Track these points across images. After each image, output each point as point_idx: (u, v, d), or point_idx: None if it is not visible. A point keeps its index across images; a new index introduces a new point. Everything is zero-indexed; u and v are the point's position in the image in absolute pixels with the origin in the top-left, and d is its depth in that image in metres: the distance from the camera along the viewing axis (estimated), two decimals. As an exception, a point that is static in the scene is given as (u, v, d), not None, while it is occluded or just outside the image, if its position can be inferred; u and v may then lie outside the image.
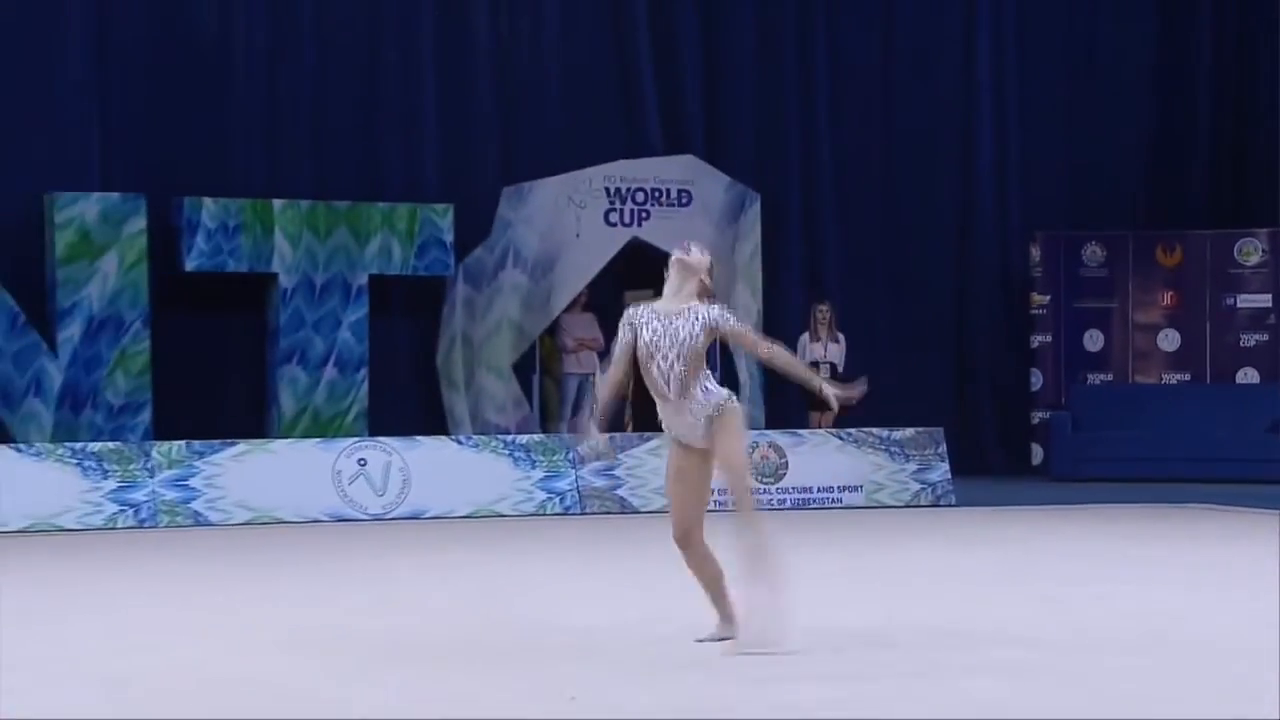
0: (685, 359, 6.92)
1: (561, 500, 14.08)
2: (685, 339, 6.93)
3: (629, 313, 7.18)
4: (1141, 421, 17.35)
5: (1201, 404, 17.70)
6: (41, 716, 5.67)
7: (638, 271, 17.10)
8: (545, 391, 16.98)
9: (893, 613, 8.13)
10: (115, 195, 15.37)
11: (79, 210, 15.23)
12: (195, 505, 13.19)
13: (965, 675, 6.31)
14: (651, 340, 6.98)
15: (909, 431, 15.12)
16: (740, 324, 7.14)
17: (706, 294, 7.11)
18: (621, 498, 14.22)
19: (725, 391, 7.05)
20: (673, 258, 7.19)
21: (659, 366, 6.97)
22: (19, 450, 13.40)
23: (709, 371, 7.09)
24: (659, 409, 7.06)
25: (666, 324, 7.00)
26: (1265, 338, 18.37)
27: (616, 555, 11.32)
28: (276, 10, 16.60)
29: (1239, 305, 18.48)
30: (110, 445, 13.58)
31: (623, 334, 7.15)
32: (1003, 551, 11.29)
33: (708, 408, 6.93)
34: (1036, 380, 18.67)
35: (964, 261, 19.12)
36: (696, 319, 6.97)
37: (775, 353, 7.22)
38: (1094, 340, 18.75)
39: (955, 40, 19.13)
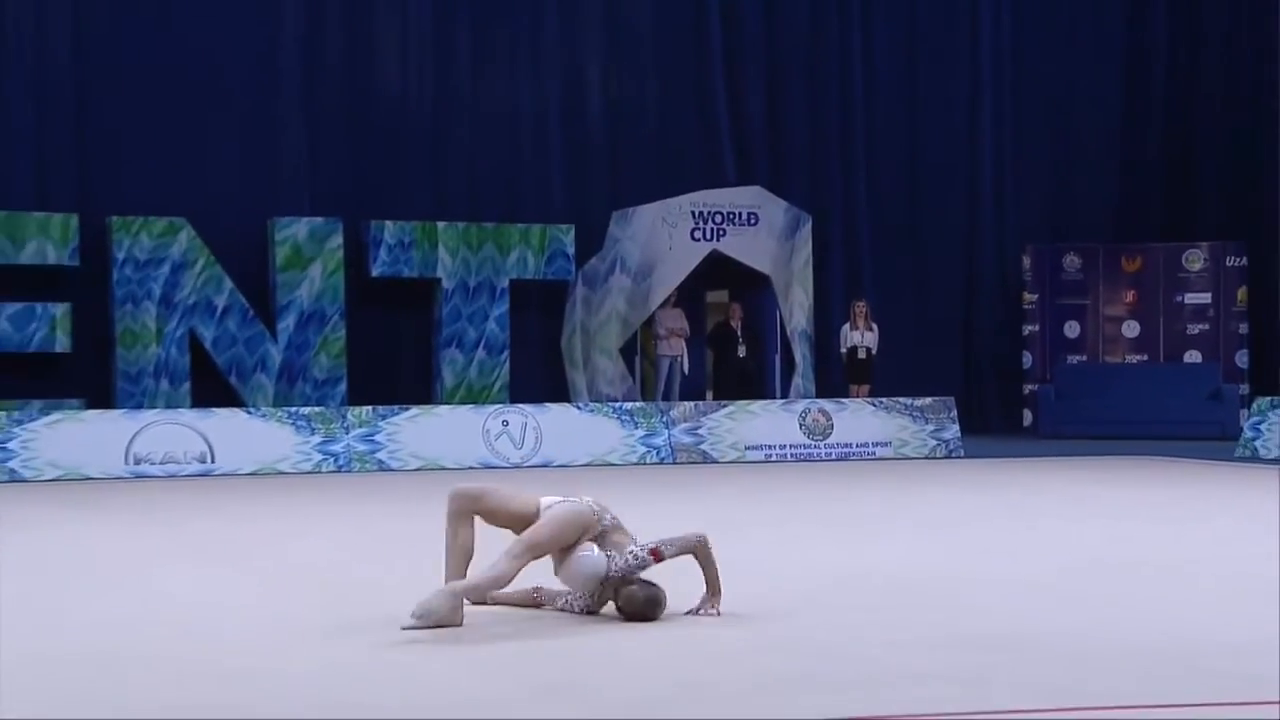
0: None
1: (658, 453, 14.14)
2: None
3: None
4: (1110, 392, 17.19)
5: (1157, 378, 17.53)
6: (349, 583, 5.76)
7: (715, 276, 17.17)
8: (644, 369, 17.04)
9: (918, 539, 8.14)
10: (319, 219, 15.57)
11: (292, 231, 15.44)
12: (379, 455, 13.33)
13: (972, 590, 6.32)
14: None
15: (927, 400, 15.06)
16: (646, 553, 5.38)
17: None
18: (704, 451, 14.26)
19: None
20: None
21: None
22: (249, 413, 13.61)
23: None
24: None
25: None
26: (1206, 327, 18.26)
27: (699, 494, 11.38)
28: (439, 70, 16.74)
29: (1186, 301, 18.33)
30: (316, 409, 13.76)
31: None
32: (1003, 493, 11.26)
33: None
34: (1027, 360, 18.54)
35: (970, 267, 19.00)
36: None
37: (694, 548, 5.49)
38: (1072, 329, 18.60)
39: (962, 94, 19.00)
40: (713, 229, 16.69)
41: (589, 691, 4.35)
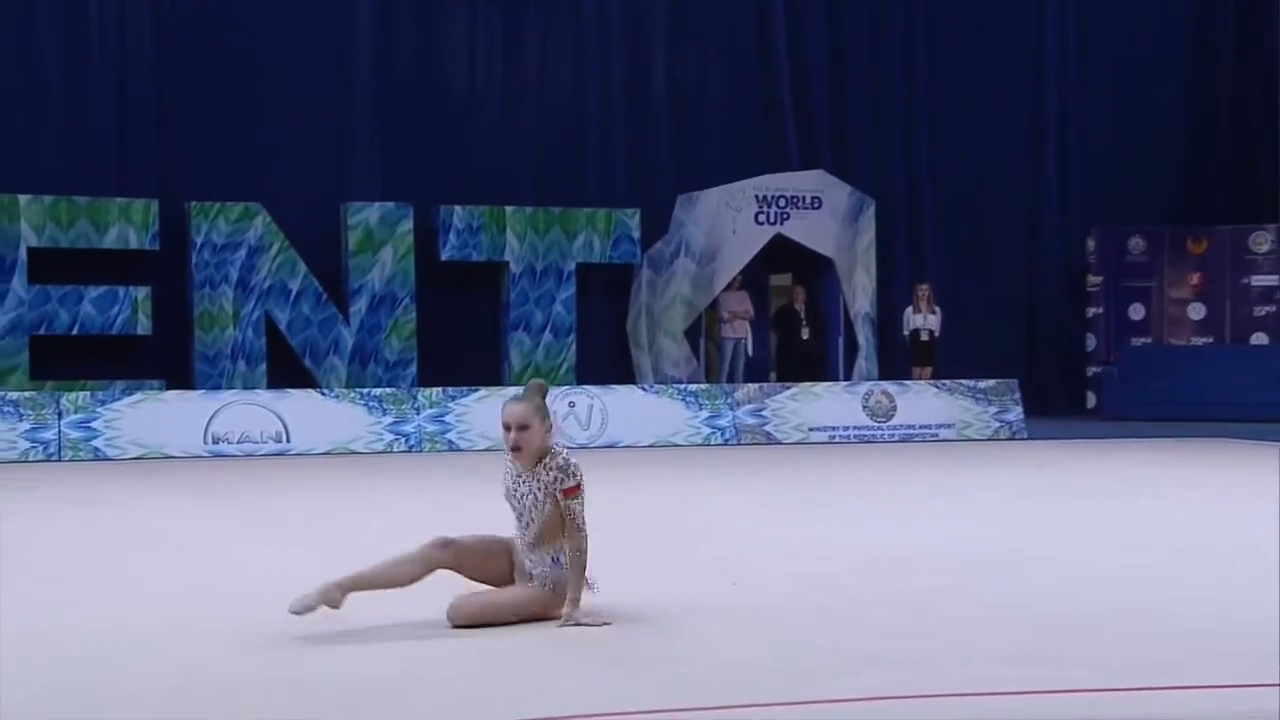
0: (536, 520, 4.97)
1: (722, 434, 14.12)
2: (530, 505, 4.97)
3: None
4: (1175, 374, 16.95)
5: (1222, 361, 17.26)
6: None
7: (779, 260, 17.09)
8: (708, 351, 17.01)
9: (981, 518, 8.08)
10: (390, 204, 15.66)
11: (364, 216, 15.54)
12: (449, 435, 13.42)
13: (1036, 569, 6.26)
14: (507, 491, 5.05)
15: (990, 382, 14.92)
16: (570, 503, 4.90)
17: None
18: (768, 433, 14.23)
19: (562, 576, 4.96)
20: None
21: (517, 517, 5.03)
22: (323, 394, 13.74)
23: (562, 548, 4.97)
24: (519, 539, 5.05)
25: (515, 484, 5.01)
26: (1273, 309, 17.96)
27: (762, 476, 11.36)
28: (508, 56, 16.77)
29: (1252, 284, 18.02)
30: (387, 390, 13.86)
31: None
32: (1066, 474, 11.15)
33: (548, 579, 4.97)
34: (1091, 342, 18.31)
35: (1034, 250, 18.78)
36: (537, 482, 4.94)
37: (577, 546, 4.92)
38: (1137, 311, 18.34)
39: (1027, 75, 18.79)
40: (776, 213, 16.61)
41: (649, 668, 4.34)
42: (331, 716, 3.83)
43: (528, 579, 5.02)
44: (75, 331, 14.43)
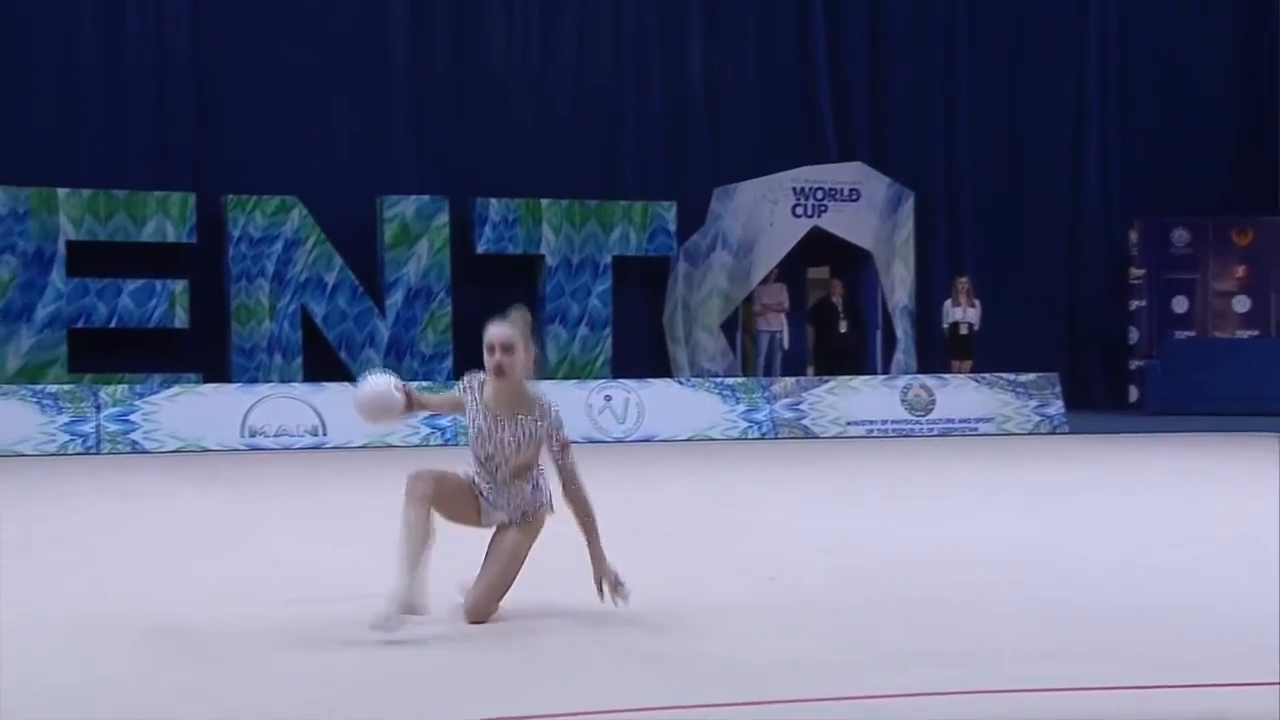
0: (511, 464, 4.85)
1: (759, 428, 14.10)
2: (511, 452, 4.81)
3: (464, 382, 4.95)
4: (1219, 367, 16.78)
5: (1267, 354, 17.09)
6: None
7: (817, 252, 17.03)
8: (745, 345, 16.98)
9: (1022, 513, 8.03)
10: (426, 197, 15.69)
11: (400, 209, 15.59)
12: (486, 428, 13.42)
13: (1077, 565, 6.22)
14: (478, 434, 4.86)
15: (1031, 375, 14.83)
16: (565, 458, 4.78)
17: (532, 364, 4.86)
18: (805, 426, 14.19)
19: (548, 495, 4.92)
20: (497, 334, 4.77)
21: (484, 460, 4.88)
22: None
23: (542, 469, 4.91)
24: (480, 475, 4.90)
25: (490, 426, 4.83)
26: (1322, 301, 17.77)
27: (800, 470, 11.33)
28: (543, 49, 16.79)
29: (1299, 276, 17.86)
30: (423, 384, 13.87)
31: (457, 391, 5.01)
32: (1108, 469, 11.06)
33: (528, 506, 4.87)
34: (1134, 335, 18.15)
35: (1075, 242, 18.64)
36: (521, 430, 4.79)
37: (579, 497, 4.82)
38: (1181, 304, 18.16)
39: (1068, 66, 18.64)
40: (814, 205, 16.54)
41: (684, 663, 4.33)
42: (361, 712, 3.83)
43: (496, 518, 4.84)
44: (113, 324, 14.55)
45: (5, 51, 15.02)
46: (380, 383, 4.92)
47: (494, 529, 4.93)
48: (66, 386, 13.07)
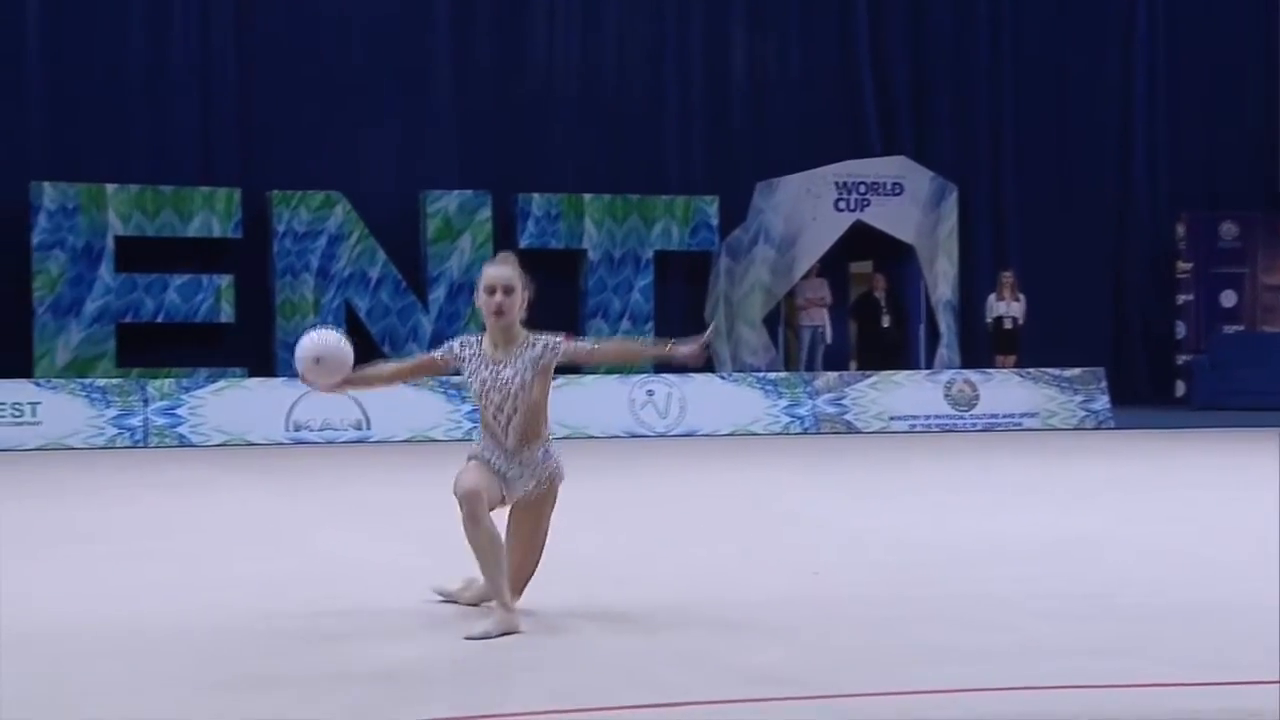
0: (521, 409, 4.82)
1: (801, 423, 14.09)
2: (517, 389, 4.82)
3: (454, 347, 4.98)
4: (1268, 363, 16.62)
5: (1318, 349, 16.92)
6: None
7: (859, 247, 16.98)
8: (787, 339, 16.95)
9: (1066, 508, 8.01)
10: (469, 192, 15.76)
11: (443, 204, 15.67)
12: (528, 423, 13.46)
13: (1119, 560, 6.20)
14: (483, 386, 4.84)
15: (1076, 370, 14.75)
16: (570, 345, 4.94)
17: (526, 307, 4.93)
18: (848, 422, 14.17)
19: (558, 463, 4.90)
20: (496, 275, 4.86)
21: (494, 415, 4.84)
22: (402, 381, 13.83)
23: (550, 435, 4.93)
24: (489, 449, 4.85)
25: (493, 372, 4.84)
26: (1371, 296, 17.57)
27: (842, 465, 11.32)
28: (585, 45, 16.82)
29: (1350, 270, 17.66)
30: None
31: (437, 354, 5.04)
32: (1154, 464, 10.99)
33: (542, 475, 4.84)
34: (1181, 330, 18.01)
35: (1121, 236, 18.50)
36: (522, 361, 4.85)
37: (603, 346, 5.30)
38: (1229, 298, 18.01)
39: (1114, 59, 18.49)
40: (857, 199, 16.50)
41: (726, 657, 4.36)
42: (395, 706, 3.89)
43: (518, 489, 4.79)
44: (160, 319, 14.72)
45: (55, 52, 15.21)
46: (330, 336, 4.99)
47: (510, 509, 4.91)
48: (115, 380, 13.24)
